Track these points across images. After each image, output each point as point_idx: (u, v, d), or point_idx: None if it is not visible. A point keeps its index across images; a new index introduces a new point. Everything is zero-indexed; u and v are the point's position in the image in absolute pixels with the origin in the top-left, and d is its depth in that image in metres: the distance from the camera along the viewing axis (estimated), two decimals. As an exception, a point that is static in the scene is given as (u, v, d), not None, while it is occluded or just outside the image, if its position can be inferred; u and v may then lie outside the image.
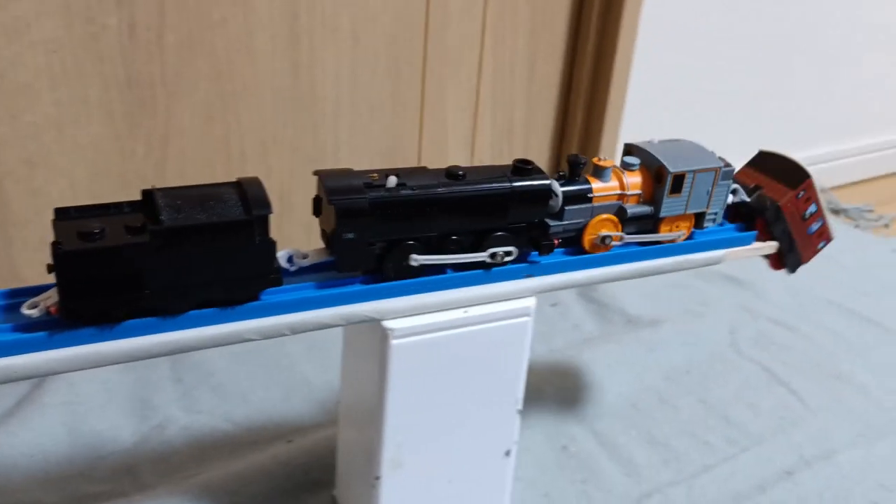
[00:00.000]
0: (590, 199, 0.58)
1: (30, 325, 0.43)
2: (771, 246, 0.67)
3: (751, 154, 0.73)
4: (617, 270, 0.60)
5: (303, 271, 0.51)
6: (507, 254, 0.54)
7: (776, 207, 0.67)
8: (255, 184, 0.46)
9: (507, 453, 0.61)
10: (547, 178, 0.54)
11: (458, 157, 1.14)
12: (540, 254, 0.57)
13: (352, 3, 0.96)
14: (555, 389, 0.85)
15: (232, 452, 0.71)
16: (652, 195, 0.60)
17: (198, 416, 0.76)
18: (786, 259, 0.71)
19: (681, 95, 1.33)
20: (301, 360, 0.86)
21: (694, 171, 0.60)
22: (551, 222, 0.57)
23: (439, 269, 0.54)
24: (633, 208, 0.60)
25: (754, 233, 0.66)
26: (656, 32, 1.22)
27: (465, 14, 1.05)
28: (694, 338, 0.98)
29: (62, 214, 0.43)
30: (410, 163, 1.11)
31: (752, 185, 0.69)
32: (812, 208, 0.69)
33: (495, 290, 0.55)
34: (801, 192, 0.67)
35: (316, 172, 0.51)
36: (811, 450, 0.80)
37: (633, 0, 1.14)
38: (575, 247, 0.59)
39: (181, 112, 0.89)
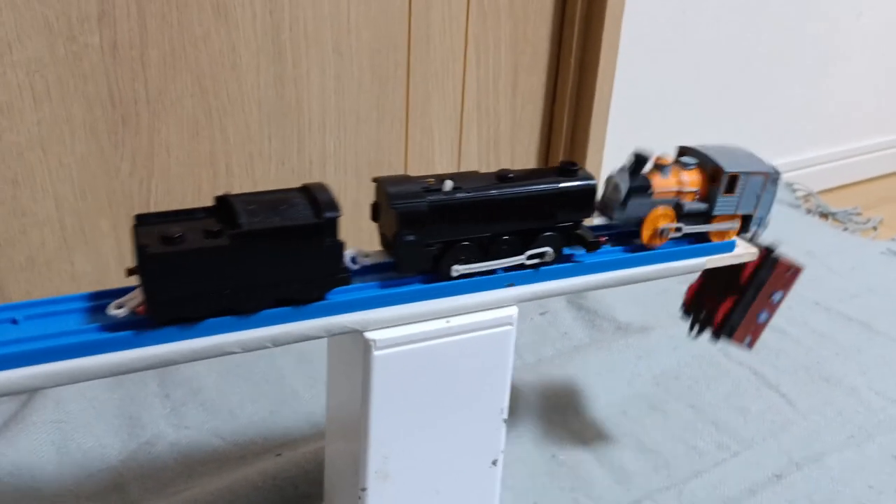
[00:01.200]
0: (650, 194, 0.61)
1: (117, 325, 0.45)
2: (751, 253, 0.67)
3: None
4: (600, 278, 0.60)
5: (365, 270, 0.54)
6: (554, 253, 0.57)
7: (774, 259, 0.68)
8: (323, 189, 0.49)
9: (494, 463, 0.61)
10: (592, 179, 0.57)
11: (444, 168, 1.15)
12: (587, 251, 0.59)
13: (334, 18, 0.96)
14: (544, 398, 0.85)
15: (220, 468, 0.71)
16: (706, 193, 0.63)
17: (186, 431, 0.75)
18: (730, 317, 0.71)
19: (665, 103, 1.34)
20: (290, 373, 0.86)
21: (747, 174, 0.63)
22: (615, 211, 0.60)
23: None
24: (689, 205, 0.63)
25: (735, 240, 0.66)
26: (639, 41, 1.23)
27: (448, 27, 1.06)
28: (683, 343, 0.98)
29: (142, 220, 0.46)
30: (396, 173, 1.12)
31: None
32: (780, 296, 0.71)
33: (477, 299, 0.55)
34: (791, 270, 0.69)
35: (375, 179, 0.54)
36: (801, 453, 0.80)
37: (614, 10, 1.15)
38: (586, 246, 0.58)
39: (166, 128, 0.89)
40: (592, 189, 0.57)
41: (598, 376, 0.90)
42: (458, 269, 0.54)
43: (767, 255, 0.68)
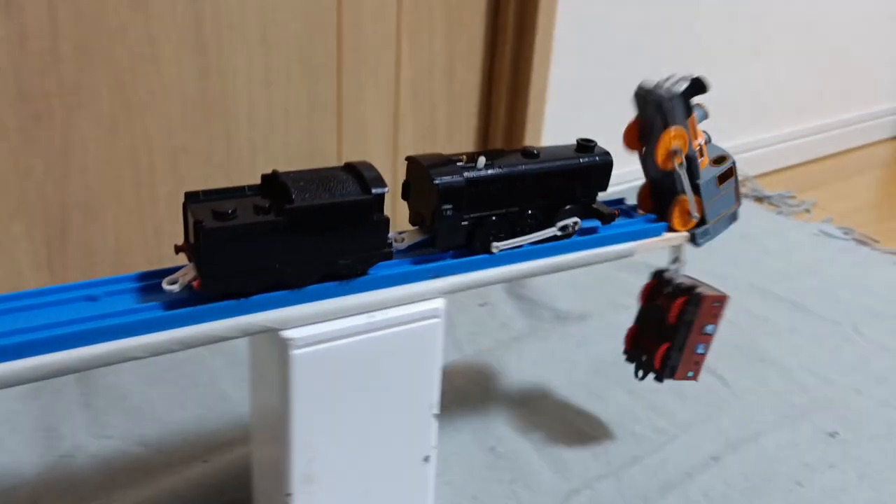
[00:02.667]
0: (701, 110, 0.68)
1: (173, 302, 0.47)
2: (682, 237, 0.67)
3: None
4: (527, 267, 0.59)
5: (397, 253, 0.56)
6: (576, 224, 0.60)
7: (698, 297, 0.69)
8: (368, 166, 0.51)
9: (426, 459, 0.59)
10: (609, 154, 0.61)
11: (380, 159, 1.12)
12: (603, 223, 0.62)
13: (259, 7, 0.93)
14: (483, 390, 0.84)
15: (144, 478, 0.68)
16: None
17: (108, 441, 0.72)
18: (668, 359, 0.72)
19: (603, 88, 1.34)
20: (220, 375, 0.83)
21: (738, 180, 0.71)
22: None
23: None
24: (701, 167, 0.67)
25: (665, 224, 0.66)
26: (574, 26, 1.23)
27: (379, 15, 1.04)
28: (621, 330, 0.98)
29: (192, 198, 0.48)
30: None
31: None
32: (712, 327, 0.72)
33: (400, 293, 0.54)
34: (717, 301, 0.71)
35: (408, 158, 0.56)
36: (737, 434, 0.81)
37: (547, -3, 1.14)
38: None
39: (81, 124, 0.85)
40: (611, 164, 0.60)
41: (537, 366, 0.90)
42: (497, 246, 0.57)
43: (690, 296, 0.70)
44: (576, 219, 0.60)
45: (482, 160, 0.55)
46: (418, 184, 0.56)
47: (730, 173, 0.70)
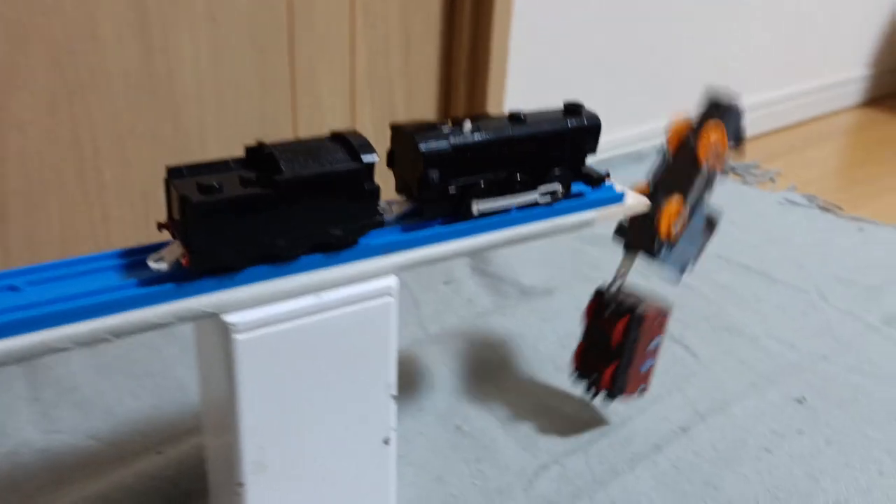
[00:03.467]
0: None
1: (161, 278, 0.46)
2: (643, 203, 0.65)
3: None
4: (482, 240, 0.57)
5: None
6: (565, 189, 0.59)
7: (640, 317, 0.69)
8: (357, 135, 0.50)
9: (386, 441, 0.57)
10: (597, 116, 0.59)
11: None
12: (592, 187, 0.61)
13: (203, -20, 0.90)
14: (448, 369, 0.82)
15: (95, 472, 0.65)
16: None
17: (57, 436, 0.69)
18: (616, 379, 0.71)
19: (564, 62, 1.32)
20: (175, 363, 0.80)
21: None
22: None
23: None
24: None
25: (623, 192, 0.64)
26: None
27: (330, -12, 1.01)
28: (587, 303, 0.97)
29: (175, 173, 0.46)
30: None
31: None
32: (657, 341, 0.72)
33: (348, 271, 0.51)
34: (659, 317, 0.71)
35: (392, 125, 0.55)
36: (705, 403, 0.80)
37: (503, -35, 1.11)
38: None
39: (17, 106, 0.81)
40: (599, 126, 0.59)
41: (503, 342, 0.88)
42: (479, 207, 0.55)
43: (631, 316, 0.69)
44: (558, 185, 0.59)
45: (468, 125, 0.54)
46: (403, 151, 0.54)
47: (713, 226, 0.70)
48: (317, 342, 0.51)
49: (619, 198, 0.63)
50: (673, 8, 1.44)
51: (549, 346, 0.88)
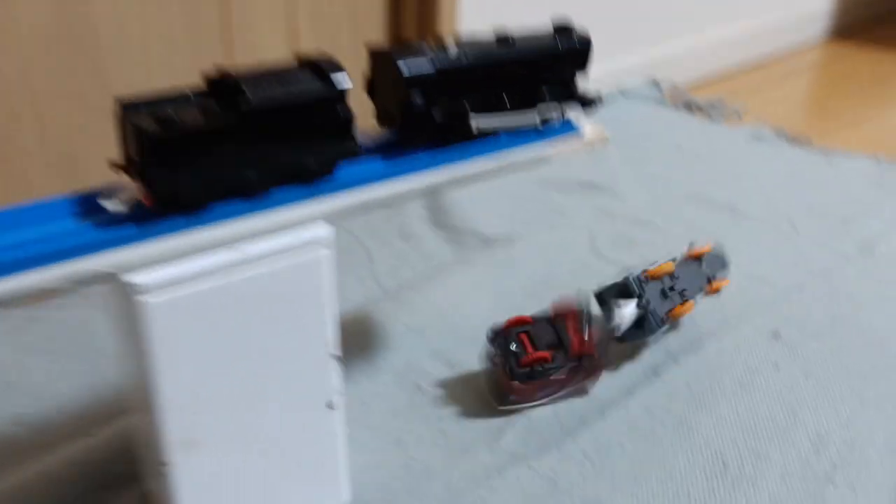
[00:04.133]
0: None
1: (120, 219, 0.42)
2: (603, 136, 0.60)
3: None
4: (425, 180, 0.51)
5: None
6: (556, 109, 0.56)
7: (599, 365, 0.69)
8: (328, 58, 0.46)
9: (331, 406, 0.52)
10: (588, 36, 0.56)
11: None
12: (585, 108, 0.58)
13: (114, -79, 0.82)
14: (405, 326, 0.78)
15: (20, 461, 0.59)
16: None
17: (-22, 423, 0.64)
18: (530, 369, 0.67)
19: None
20: (107, 338, 0.74)
21: None
22: None
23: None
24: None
25: (580, 125, 0.59)
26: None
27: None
28: (552, 250, 0.92)
29: (130, 107, 0.42)
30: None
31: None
32: (566, 394, 0.69)
33: (325, 204, 0.47)
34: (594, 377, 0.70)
35: (370, 49, 0.52)
36: (678, 345, 0.76)
37: None
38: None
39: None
40: (590, 46, 0.56)
41: (464, 295, 0.83)
42: (478, 124, 0.52)
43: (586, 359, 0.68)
44: (554, 107, 0.56)
45: (453, 47, 0.51)
46: (383, 77, 0.51)
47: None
48: (241, 302, 0.45)
49: (575, 129, 0.58)
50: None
51: (514, 296, 0.84)
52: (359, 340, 0.75)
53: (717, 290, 0.78)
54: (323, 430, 0.53)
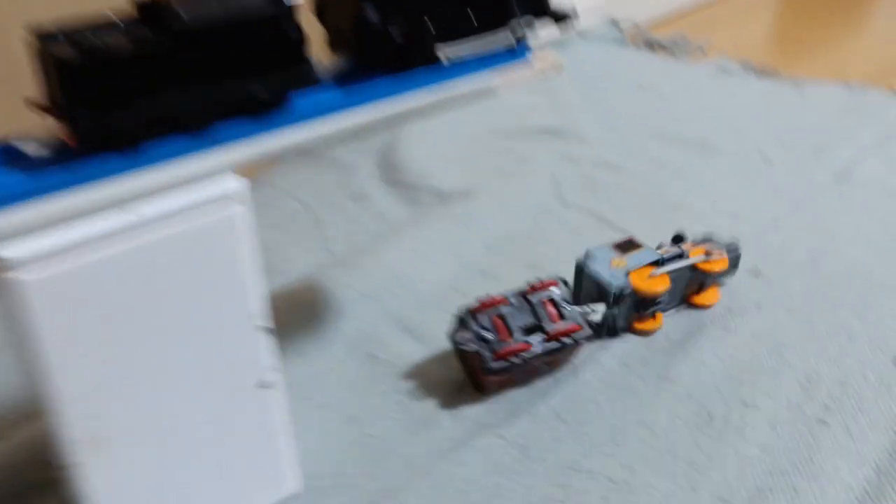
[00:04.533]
0: None
1: (41, 163, 0.37)
2: (557, 62, 0.53)
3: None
4: (348, 120, 0.45)
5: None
6: (529, 26, 0.51)
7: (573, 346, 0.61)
8: None
9: (264, 385, 0.46)
10: None
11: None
12: (558, 24, 0.52)
13: None
14: (357, 292, 0.71)
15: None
16: None
17: None
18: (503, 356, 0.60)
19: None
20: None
21: None
22: None
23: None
24: None
25: (530, 50, 0.52)
26: None
27: None
28: (514, 200, 0.86)
29: (48, 37, 0.36)
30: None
31: None
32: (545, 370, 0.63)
33: (281, 139, 0.41)
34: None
35: None
36: (651, 291, 0.71)
37: None
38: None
39: None
40: None
41: (421, 255, 0.77)
42: (446, 52, 0.47)
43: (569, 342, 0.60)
44: (530, 26, 0.50)
45: None
46: None
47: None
48: (141, 274, 0.39)
49: (524, 53, 0.51)
50: None
51: (474, 252, 0.78)
52: (306, 311, 0.69)
53: (700, 305, 0.69)
54: (257, 413, 0.47)
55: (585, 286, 0.65)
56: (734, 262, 0.69)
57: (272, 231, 0.82)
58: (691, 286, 0.68)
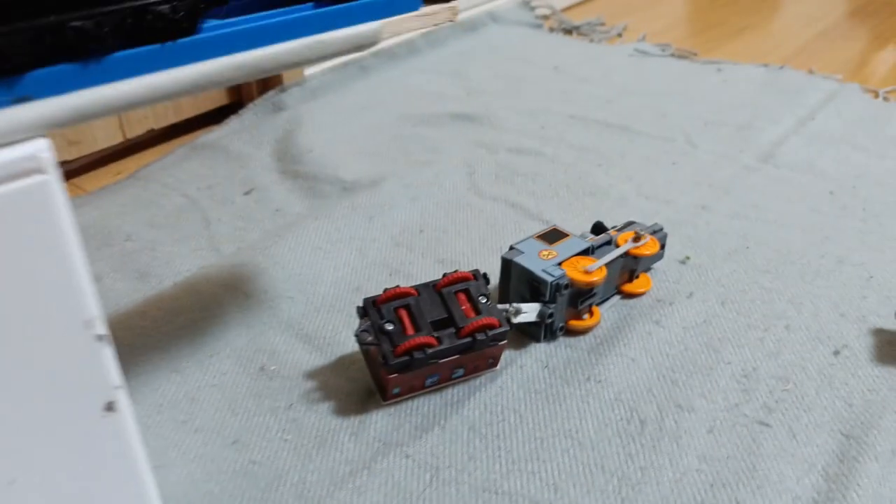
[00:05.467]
0: None
1: None
2: (451, 9, 0.46)
3: None
4: (199, 71, 0.36)
5: None
6: None
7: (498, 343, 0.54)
8: None
9: (110, 408, 0.37)
10: None
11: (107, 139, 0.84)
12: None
13: None
14: (246, 297, 0.63)
15: None
16: None
17: None
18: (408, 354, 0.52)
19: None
20: None
21: None
22: None
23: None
24: None
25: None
26: None
27: None
28: (425, 191, 0.79)
29: None
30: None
31: None
32: (461, 374, 0.55)
33: (115, 91, 0.33)
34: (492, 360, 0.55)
35: None
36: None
37: None
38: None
39: None
40: None
41: (320, 252, 0.69)
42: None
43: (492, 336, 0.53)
44: None
45: None
46: None
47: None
48: None
49: (414, 3, 0.44)
50: None
51: (381, 247, 0.70)
52: (185, 320, 0.60)
53: (633, 293, 0.63)
54: (102, 443, 0.38)
55: (515, 283, 0.58)
56: (663, 245, 0.64)
57: (152, 230, 0.73)
58: (623, 275, 0.62)
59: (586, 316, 0.59)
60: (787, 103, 0.99)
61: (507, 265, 0.58)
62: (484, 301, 0.53)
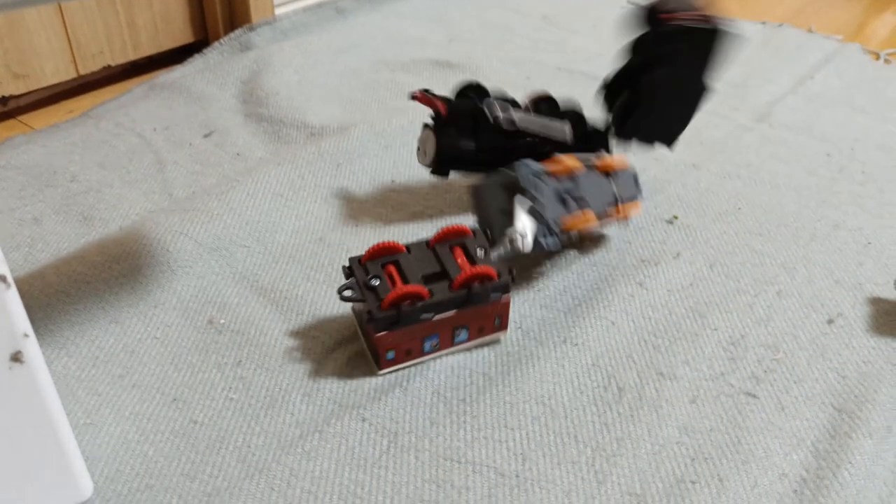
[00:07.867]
0: None
1: None
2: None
3: None
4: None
5: None
6: None
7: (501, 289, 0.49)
8: None
9: (16, 358, 0.33)
10: None
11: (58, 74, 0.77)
12: None
13: None
14: (198, 243, 0.58)
15: None
16: None
17: None
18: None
19: None
20: None
21: None
22: None
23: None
24: None
25: None
26: None
27: None
28: (397, 138, 0.74)
29: None
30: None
31: None
32: (464, 338, 0.50)
33: None
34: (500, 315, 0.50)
35: None
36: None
37: None
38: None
39: None
40: None
41: (282, 199, 0.64)
42: None
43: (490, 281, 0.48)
44: None
45: None
46: None
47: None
48: None
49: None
50: None
51: (348, 197, 0.65)
52: (129, 267, 0.55)
53: (626, 217, 0.59)
54: (8, 396, 0.33)
55: (490, 198, 0.54)
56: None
57: (101, 171, 0.67)
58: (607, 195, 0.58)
59: (579, 214, 0.54)
60: (785, 62, 0.94)
61: (478, 190, 0.54)
62: (482, 255, 0.49)
